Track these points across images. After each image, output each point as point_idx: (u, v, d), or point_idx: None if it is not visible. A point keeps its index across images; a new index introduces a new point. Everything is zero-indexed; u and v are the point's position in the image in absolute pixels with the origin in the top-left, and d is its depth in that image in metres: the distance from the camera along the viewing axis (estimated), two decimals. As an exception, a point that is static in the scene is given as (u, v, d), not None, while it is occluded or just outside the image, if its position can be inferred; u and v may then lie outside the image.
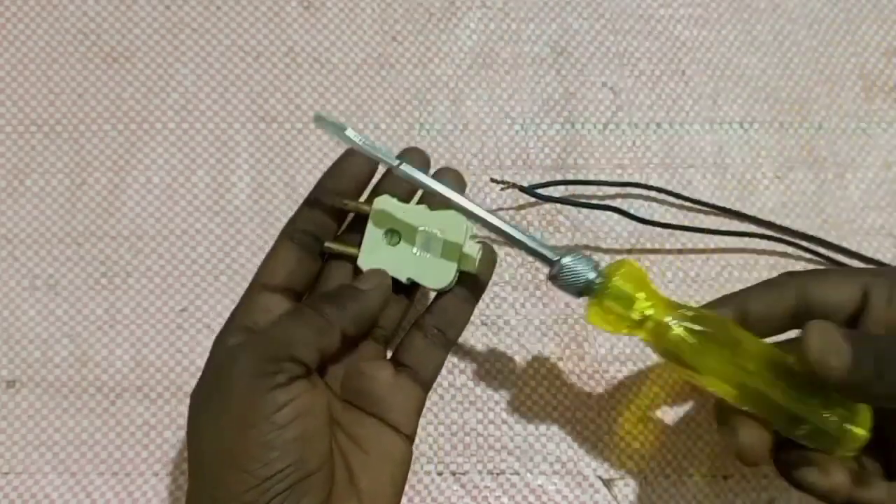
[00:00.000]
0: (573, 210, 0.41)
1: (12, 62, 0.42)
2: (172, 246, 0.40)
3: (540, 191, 0.40)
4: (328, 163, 0.41)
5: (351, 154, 0.33)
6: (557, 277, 0.31)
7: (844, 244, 0.42)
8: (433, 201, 0.33)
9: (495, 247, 0.33)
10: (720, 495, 0.38)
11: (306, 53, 0.43)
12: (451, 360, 0.39)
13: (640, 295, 0.31)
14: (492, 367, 0.39)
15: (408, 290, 0.33)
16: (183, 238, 0.40)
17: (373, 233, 0.32)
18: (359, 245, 0.32)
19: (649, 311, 0.31)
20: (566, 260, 0.30)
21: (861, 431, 0.29)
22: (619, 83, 0.44)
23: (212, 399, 0.28)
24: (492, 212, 0.31)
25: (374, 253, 0.32)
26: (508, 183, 0.40)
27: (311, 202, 0.33)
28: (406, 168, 0.31)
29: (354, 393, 0.32)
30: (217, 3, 0.43)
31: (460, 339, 0.39)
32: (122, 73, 0.42)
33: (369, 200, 0.33)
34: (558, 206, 0.41)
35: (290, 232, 0.32)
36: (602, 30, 0.44)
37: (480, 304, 0.40)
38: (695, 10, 0.45)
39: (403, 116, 0.42)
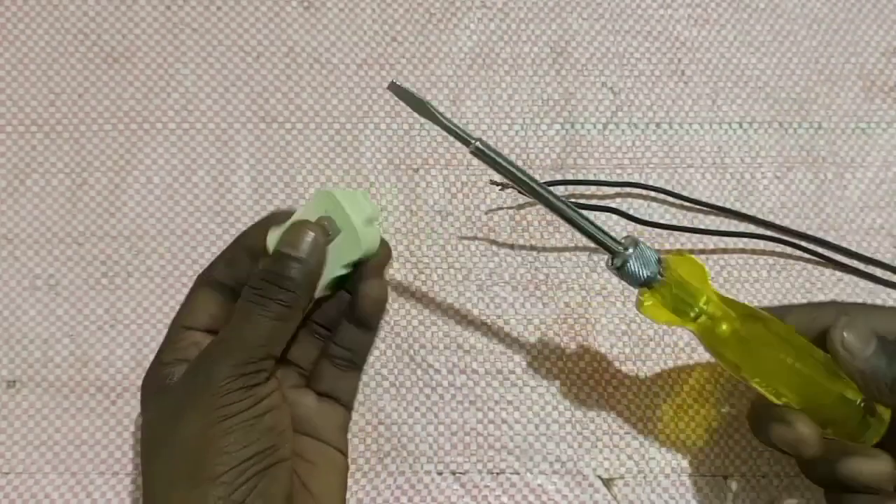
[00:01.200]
0: (573, 210, 0.41)
1: (12, 62, 0.42)
2: (173, 246, 0.40)
3: (540, 191, 0.40)
4: (328, 163, 0.41)
5: (274, 217, 0.34)
6: (621, 269, 0.31)
7: (844, 244, 0.42)
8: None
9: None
10: (720, 495, 0.38)
11: (306, 53, 0.43)
12: (451, 359, 0.39)
13: (699, 291, 0.32)
14: (492, 367, 0.39)
15: (331, 323, 0.34)
16: (183, 238, 0.40)
17: None
18: None
19: (705, 308, 0.32)
20: (631, 251, 0.31)
21: (883, 418, 0.31)
22: (618, 83, 0.44)
23: (190, 398, 0.29)
24: (562, 199, 0.32)
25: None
26: (508, 184, 0.40)
27: (229, 260, 0.33)
28: (482, 146, 0.31)
29: None
30: (217, 3, 0.44)
31: (460, 339, 0.39)
32: (122, 73, 0.42)
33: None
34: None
35: (210, 281, 0.33)
36: (602, 30, 0.44)
37: (480, 304, 0.40)
38: (694, 10, 0.45)
39: (404, 116, 0.42)
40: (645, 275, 0.31)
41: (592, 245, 0.32)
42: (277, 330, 0.30)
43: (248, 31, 0.43)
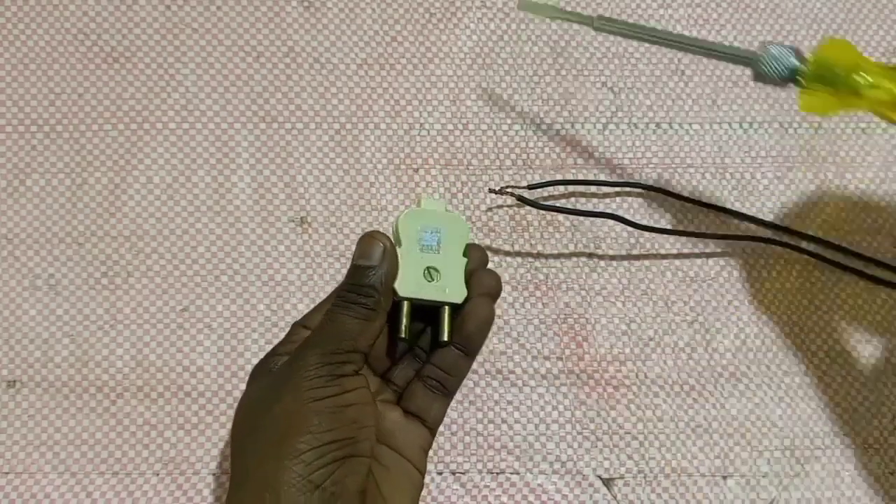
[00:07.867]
0: (573, 210, 0.41)
1: (12, 62, 0.42)
2: (173, 246, 0.40)
3: (539, 191, 0.40)
4: (328, 163, 0.41)
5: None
6: (759, 75, 0.30)
7: (844, 244, 0.42)
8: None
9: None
10: (720, 495, 0.38)
11: (306, 53, 0.43)
12: (451, 359, 0.39)
13: (855, 66, 0.30)
14: (492, 367, 0.39)
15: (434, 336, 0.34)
16: (183, 238, 0.40)
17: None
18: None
19: (866, 79, 0.30)
20: (764, 53, 0.30)
21: None
22: (618, 83, 0.44)
23: (285, 381, 0.31)
24: (680, 35, 0.33)
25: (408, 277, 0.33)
26: (506, 190, 0.40)
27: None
28: (602, 23, 0.33)
29: None
30: (217, 3, 0.44)
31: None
32: (122, 73, 0.42)
33: None
34: (557, 205, 0.41)
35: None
36: (602, 30, 0.44)
37: (480, 304, 0.40)
38: (694, 10, 0.45)
39: (404, 116, 0.42)
40: (784, 70, 0.30)
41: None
42: (361, 326, 0.31)
43: (248, 31, 0.43)
